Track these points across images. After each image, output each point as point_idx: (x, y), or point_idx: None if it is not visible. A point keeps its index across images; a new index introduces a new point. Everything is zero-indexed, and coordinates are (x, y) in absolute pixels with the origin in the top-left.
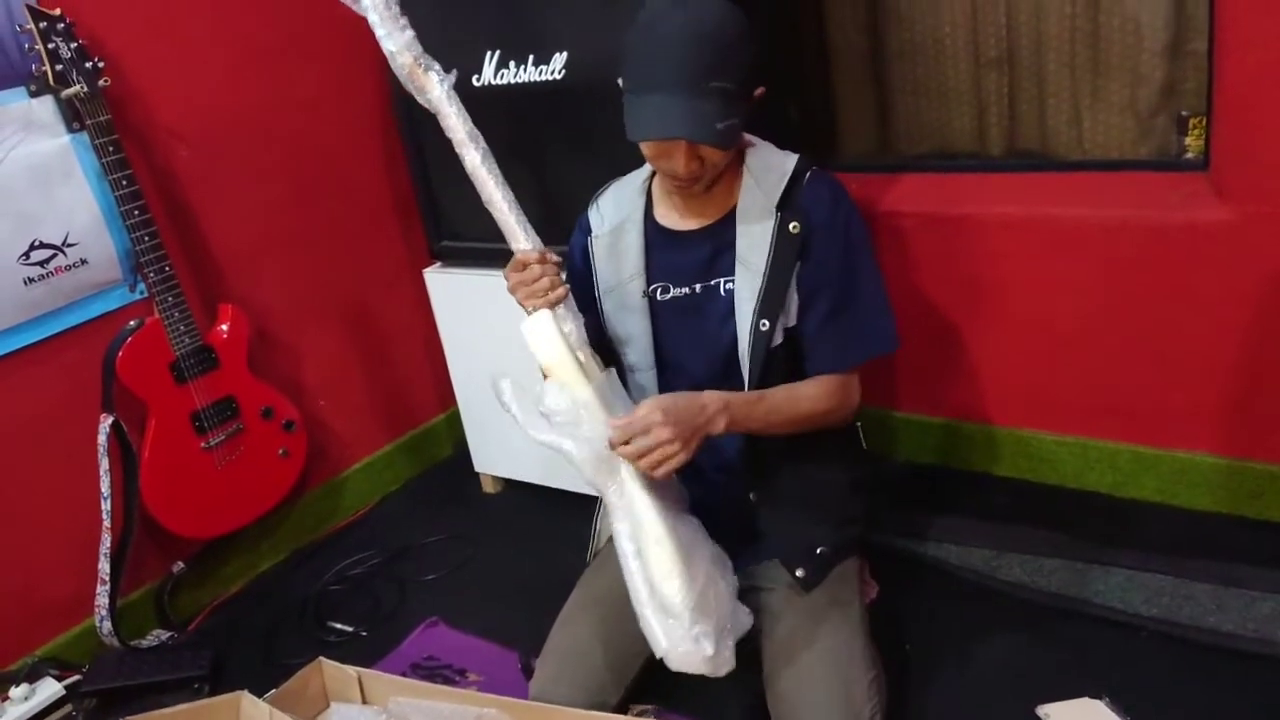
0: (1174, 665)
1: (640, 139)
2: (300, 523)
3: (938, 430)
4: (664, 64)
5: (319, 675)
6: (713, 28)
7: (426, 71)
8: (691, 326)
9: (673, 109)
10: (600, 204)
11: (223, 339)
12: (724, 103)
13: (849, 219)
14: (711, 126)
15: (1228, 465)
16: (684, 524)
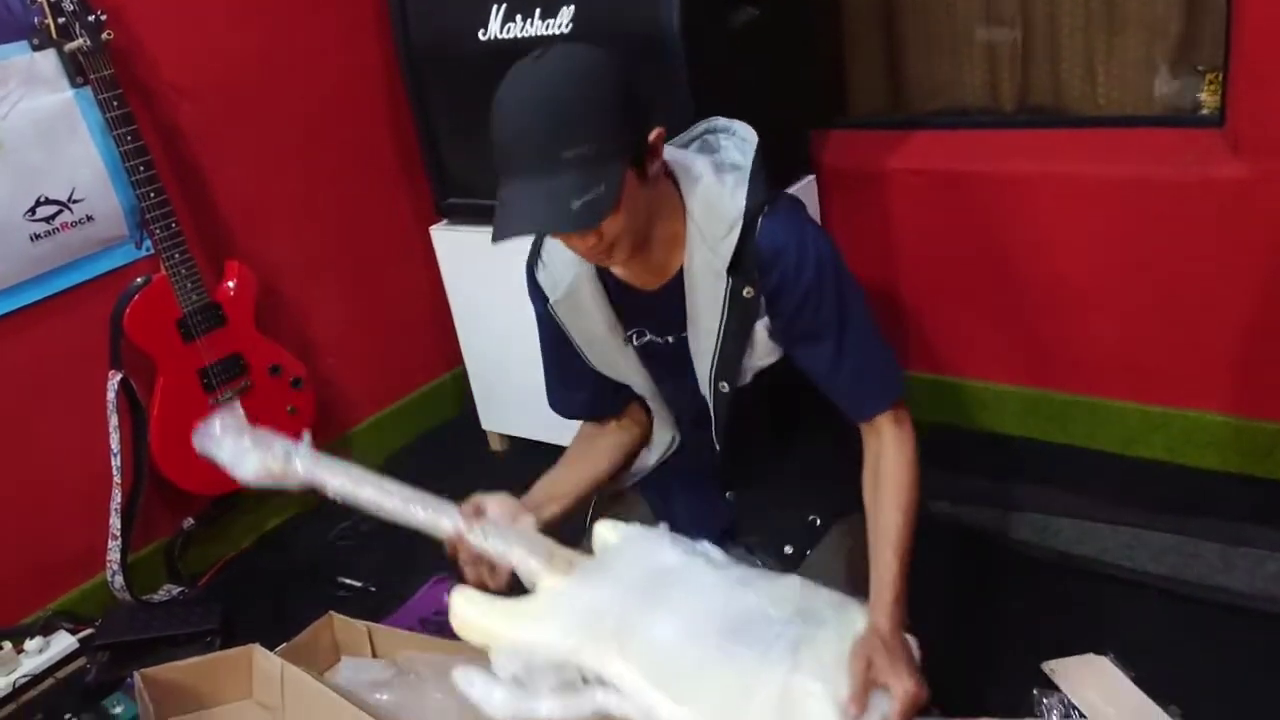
0: (1180, 623)
1: (495, 241)
2: None
3: (946, 390)
4: (511, 143)
5: (329, 629)
6: (560, 88)
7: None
8: (677, 371)
9: (522, 198)
10: (546, 262)
11: (230, 296)
12: (583, 173)
13: (817, 265)
14: (565, 208)
15: (1237, 424)
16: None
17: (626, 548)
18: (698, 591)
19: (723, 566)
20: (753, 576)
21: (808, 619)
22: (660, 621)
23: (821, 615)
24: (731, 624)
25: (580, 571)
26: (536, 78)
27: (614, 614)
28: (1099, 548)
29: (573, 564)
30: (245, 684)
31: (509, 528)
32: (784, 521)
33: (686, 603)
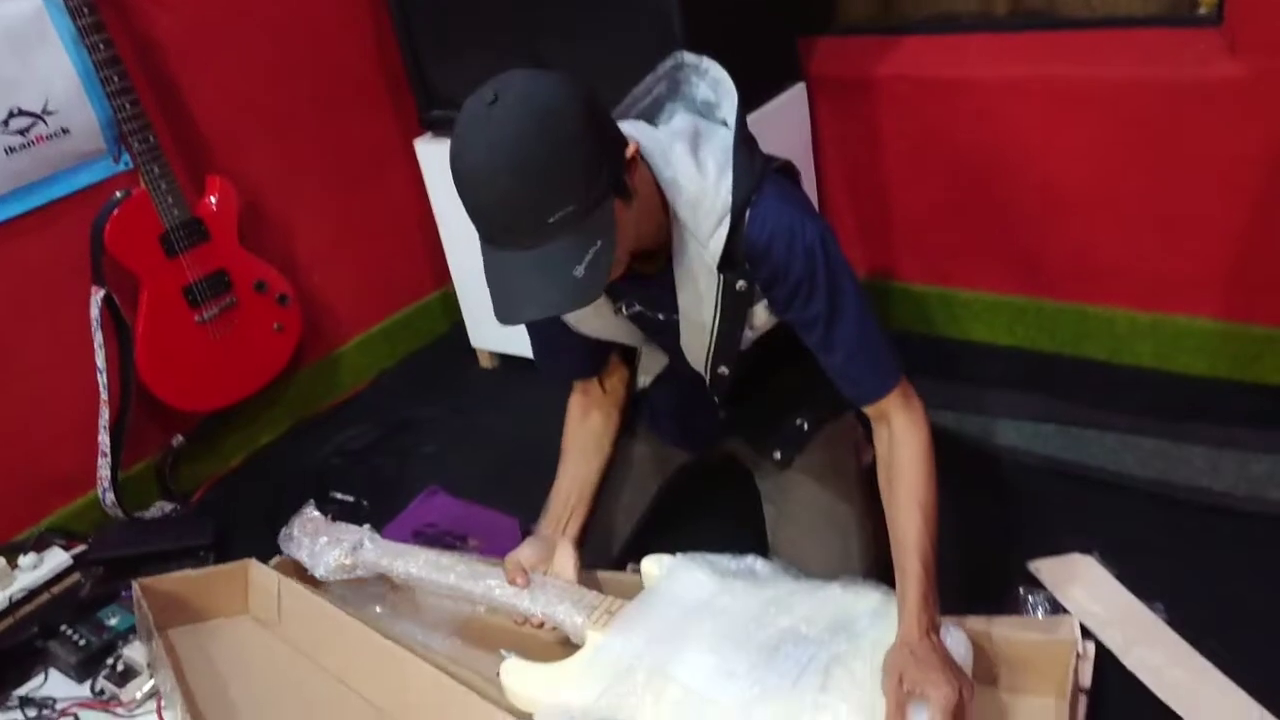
0: (1165, 524)
1: (500, 321)
2: (298, 398)
3: (935, 299)
4: (488, 213)
5: None
6: (528, 149)
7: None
8: (670, 338)
9: (518, 275)
10: None
11: (212, 211)
12: (575, 234)
13: (807, 255)
14: (569, 279)
15: (1226, 329)
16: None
17: (664, 586)
18: (733, 624)
19: (762, 584)
20: (789, 592)
21: (843, 633)
22: (695, 664)
23: (858, 627)
24: (766, 653)
25: (618, 622)
26: (499, 138)
27: (647, 666)
28: (1086, 453)
29: (612, 614)
30: (241, 599)
31: (552, 585)
32: (773, 428)
33: (721, 637)
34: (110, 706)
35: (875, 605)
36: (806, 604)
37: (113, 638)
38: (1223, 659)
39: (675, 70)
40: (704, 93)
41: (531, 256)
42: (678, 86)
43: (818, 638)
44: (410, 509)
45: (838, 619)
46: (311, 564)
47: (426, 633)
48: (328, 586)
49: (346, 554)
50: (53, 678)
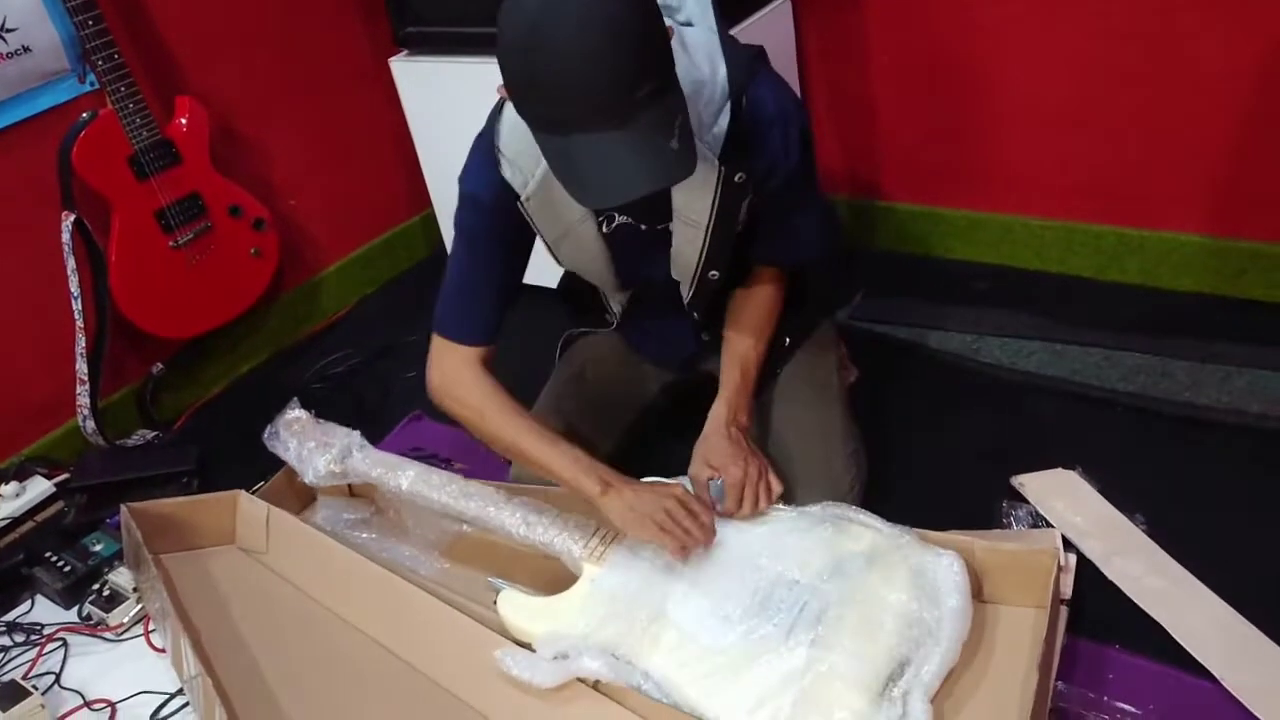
0: (1147, 437)
1: (595, 205)
2: (278, 325)
3: (920, 218)
4: (576, 98)
5: None
6: (621, 26)
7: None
8: (646, 253)
9: (610, 152)
10: (507, 156)
11: (182, 132)
12: (662, 108)
13: (802, 143)
14: (666, 152)
15: (1212, 244)
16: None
17: None
18: (727, 566)
19: (754, 521)
20: (785, 531)
21: (836, 577)
22: (691, 607)
23: (849, 569)
24: (760, 598)
25: (614, 556)
26: (590, 11)
27: (643, 606)
28: (1070, 369)
29: (606, 545)
30: (228, 530)
31: (546, 512)
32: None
33: (716, 580)
34: (98, 631)
35: (867, 547)
36: (799, 547)
37: (98, 564)
38: (1201, 568)
39: None
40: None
41: (623, 135)
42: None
43: (810, 583)
44: (394, 434)
45: (830, 563)
46: (300, 468)
47: (414, 557)
48: (309, 512)
49: (336, 461)
50: (39, 604)
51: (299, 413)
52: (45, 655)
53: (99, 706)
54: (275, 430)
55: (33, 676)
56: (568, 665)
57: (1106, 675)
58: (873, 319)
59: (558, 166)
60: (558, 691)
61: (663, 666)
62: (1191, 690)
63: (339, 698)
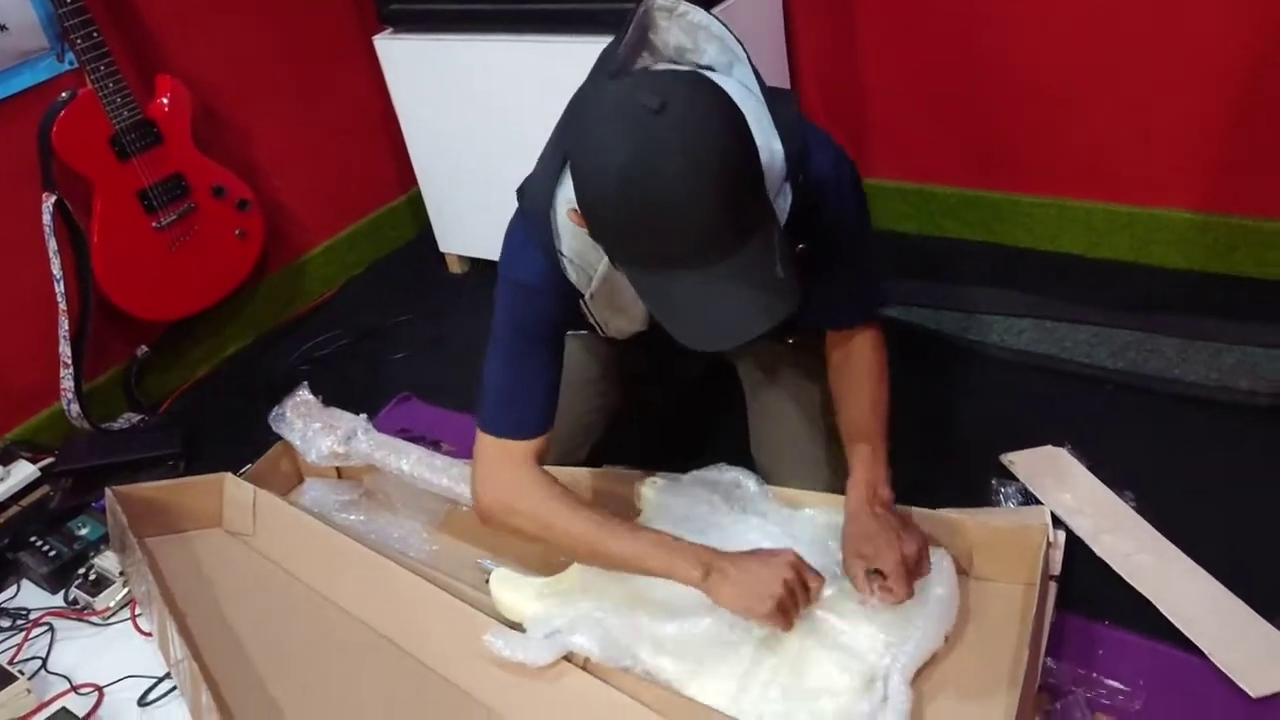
0: (1137, 415)
1: (708, 349)
2: (264, 307)
3: (913, 196)
4: (686, 235)
5: (290, 452)
6: (730, 160)
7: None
8: None
9: (718, 294)
10: (571, 260)
11: (164, 112)
12: (763, 234)
13: (860, 210)
14: (774, 279)
15: (1202, 221)
16: None
17: (657, 510)
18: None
19: (750, 511)
20: (782, 521)
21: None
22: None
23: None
24: None
25: None
26: (698, 146)
27: (636, 588)
28: (1060, 346)
29: None
30: (215, 512)
31: None
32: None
33: None
34: (84, 615)
35: None
36: (793, 536)
37: (84, 548)
38: (1190, 544)
39: (644, 16)
40: (676, 38)
41: (728, 267)
42: (644, 34)
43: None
44: (382, 415)
45: (826, 548)
46: (304, 448)
47: (403, 539)
48: (297, 494)
49: (340, 442)
50: (25, 589)
51: (307, 396)
52: (31, 640)
53: (86, 691)
54: (282, 412)
55: (19, 661)
56: (559, 642)
57: (1096, 651)
58: None
59: (659, 305)
60: (548, 672)
61: (654, 647)
62: (1180, 665)
63: (326, 680)
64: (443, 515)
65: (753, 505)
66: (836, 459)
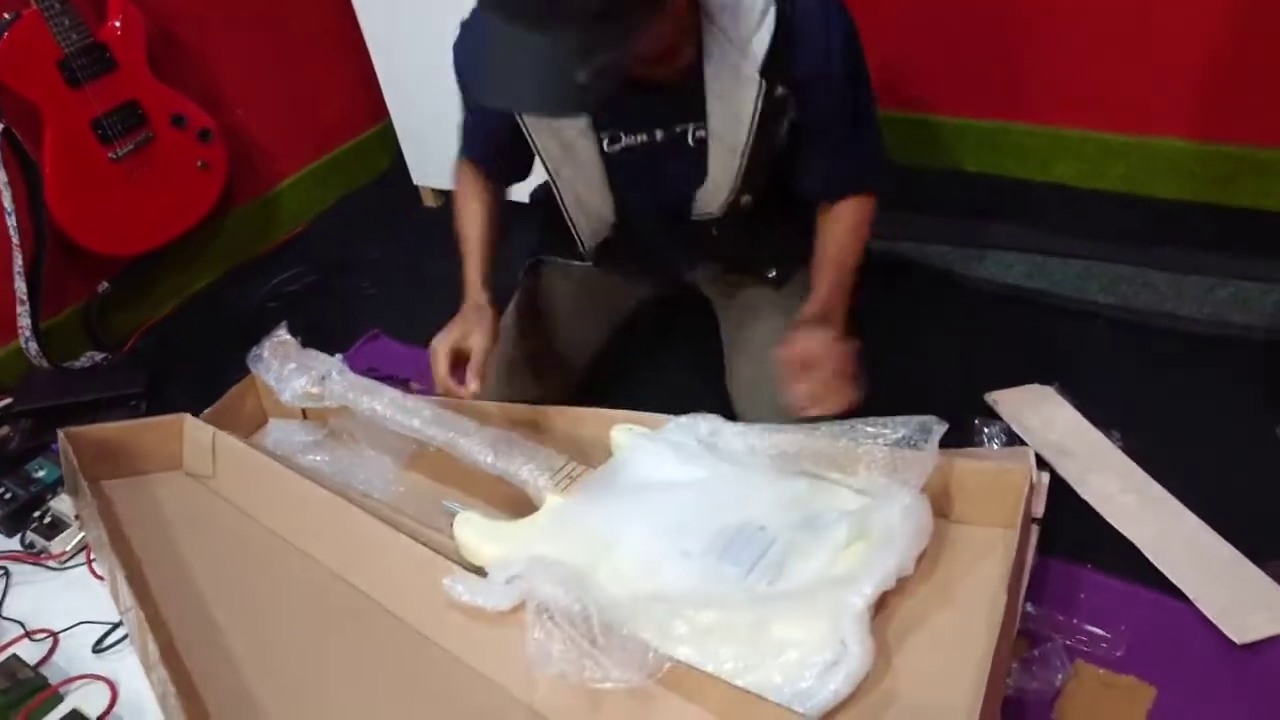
0: (1127, 352)
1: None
2: (232, 241)
3: (900, 125)
4: None
5: (254, 391)
6: None
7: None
8: (649, 176)
9: (516, 57)
10: None
11: (117, 36)
12: (589, 33)
13: (851, 60)
14: (569, 81)
15: (1198, 150)
16: None
17: (631, 457)
18: (695, 506)
19: (730, 464)
20: (754, 480)
21: (806, 528)
22: (651, 538)
23: (823, 521)
24: (724, 538)
25: (580, 487)
26: None
27: (602, 537)
28: (1049, 281)
29: (574, 479)
30: (174, 454)
31: (518, 443)
32: (741, 283)
33: (681, 516)
34: (40, 560)
35: (843, 503)
36: (768, 494)
37: (40, 490)
38: (1179, 486)
39: None
40: None
41: (537, 41)
42: None
43: (777, 530)
44: (350, 353)
45: (804, 515)
46: (278, 388)
47: (368, 481)
48: (261, 434)
49: (314, 383)
50: None
51: (285, 336)
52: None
53: (40, 636)
54: (260, 352)
55: None
56: (520, 587)
57: (1078, 596)
58: None
59: (477, 47)
60: (511, 617)
61: (617, 597)
62: (1164, 610)
63: (284, 626)
64: (408, 455)
65: (728, 455)
66: None
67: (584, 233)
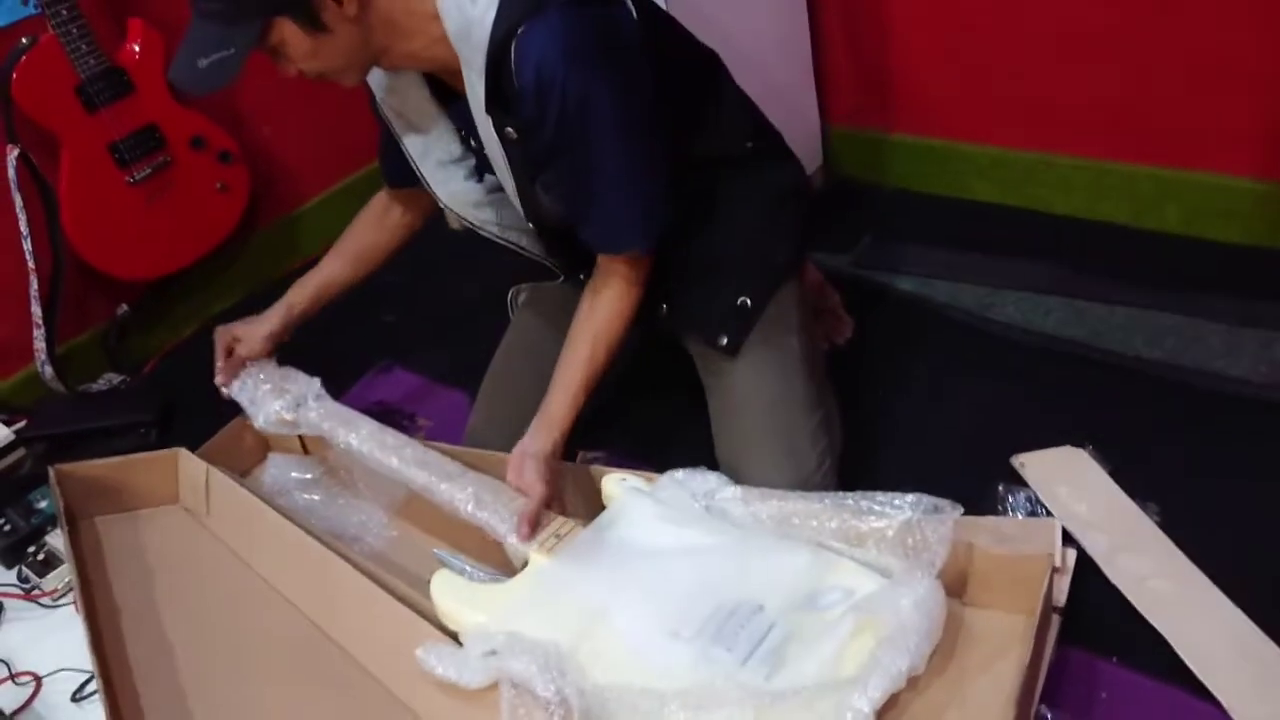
0: (1171, 414)
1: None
2: (254, 264)
3: (936, 153)
4: None
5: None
6: None
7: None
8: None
9: (185, 39)
10: None
11: (135, 59)
12: (220, 29)
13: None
14: (194, 64)
15: (1266, 190)
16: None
17: (620, 517)
18: (683, 582)
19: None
20: (752, 553)
21: (807, 608)
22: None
23: (826, 600)
24: (716, 621)
25: (567, 549)
26: None
27: (586, 610)
28: (1091, 330)
29: (561, 538)
30: (172, 488)
31: (503, 493)
32: (712, 311)
33: (669, 596)
34: (33, 596)
35: (848, 579)
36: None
37: (41, 522)
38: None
39: None
40: None
41: (192, 31)
42: None
43: (776, 612)
44: (360, 384)
45: (806, 593)
46: (251, 412)
47: (362, 524)
48: (260, 469)
49: (288, 409)
50: None
51: (267, 363)
52: None
53: (23, 680)
54: (242, 379)
55: None
56: (496, 664)
57: (1099, 694)
58: (879, 266)
59: None
60: (488, 692)
61: (600, 684)
62: (1193, 716)
63: (260, 682)
64: (404, 498)
65: (727, 516)
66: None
67: (523, 244)
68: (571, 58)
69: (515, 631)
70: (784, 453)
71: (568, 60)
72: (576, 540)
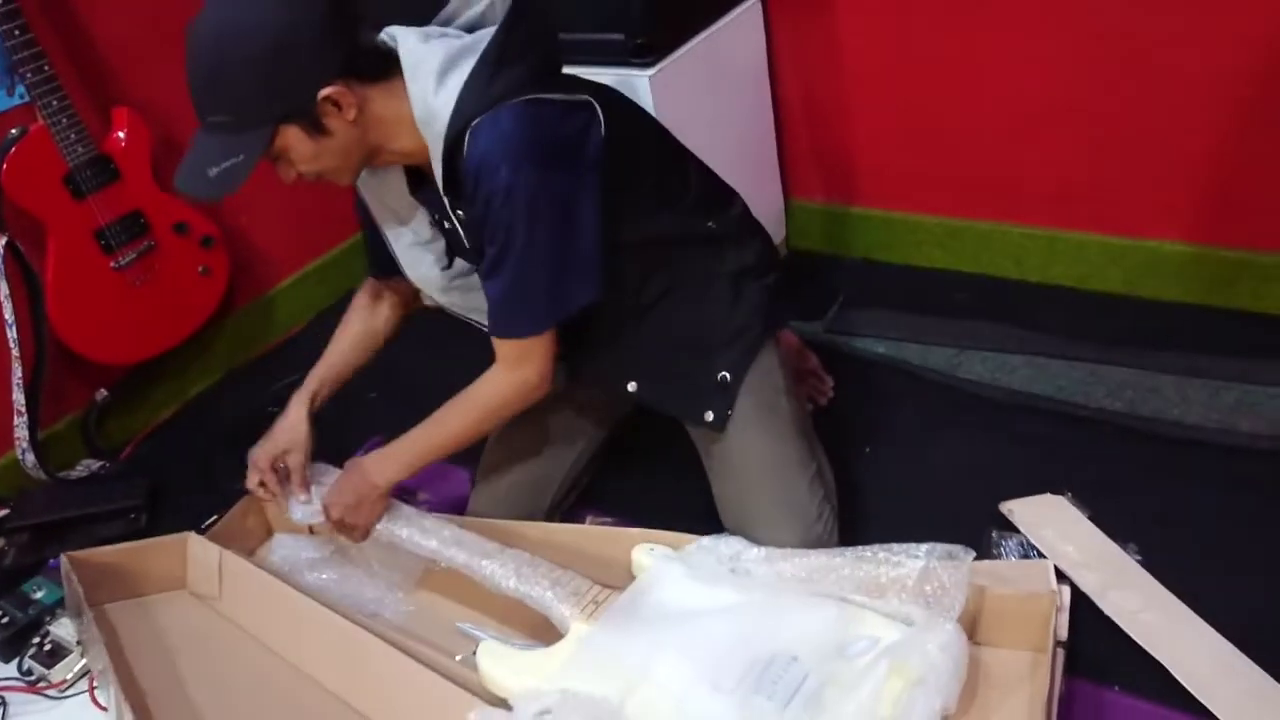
0: (1137, 459)
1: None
2: (231, 343)
3: (898, 225)
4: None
5: (257, 504)
6: (207, 50)
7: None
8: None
9: (191, 150)
10: None
11: (121, 147)
12: (225, 140)
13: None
14: (203, 174)
15: (1198, 253)
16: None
17: (654, 582)
18: (722, 637)
19: (755, 589)
20: (785, 609)
21: (838, 657)
22: (682, 673)
23: (855, 648)
24: (755, 671)
25: (607, 615)
26: (197, 33)
27: (631, 668)
28: (1055, 385)
29: (599, 604)
30: (179, 573)
31: (542, 566)
32: (691, 390)
33: (708, 650)
34: (39, 689)
35: (874, 629)
36: (800, 624)
37: (40, 613)
38: (1198, 600)
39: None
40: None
41: (198, 141)
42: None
43: (810, 661)
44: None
45: (836, 643)
46: (289, 505)
47: (378, 600)
48: (265, 549)
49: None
50: None
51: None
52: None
53: None
54: None
55: None
56: None
57: None
58: (850, 331)
59: None
60: None
61: None
62: None
63: None
64: (419, 573)
65: (752, 575)
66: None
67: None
68: (508, 152)
69: (567, 689)
70: (786, 510)
71: (505, 153)
72: (615, 606)
